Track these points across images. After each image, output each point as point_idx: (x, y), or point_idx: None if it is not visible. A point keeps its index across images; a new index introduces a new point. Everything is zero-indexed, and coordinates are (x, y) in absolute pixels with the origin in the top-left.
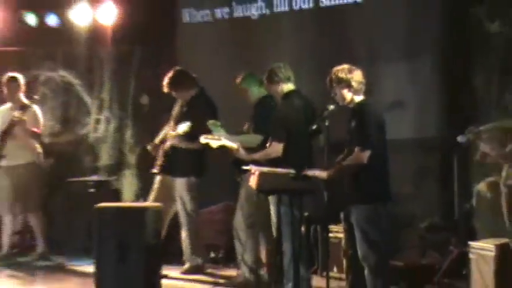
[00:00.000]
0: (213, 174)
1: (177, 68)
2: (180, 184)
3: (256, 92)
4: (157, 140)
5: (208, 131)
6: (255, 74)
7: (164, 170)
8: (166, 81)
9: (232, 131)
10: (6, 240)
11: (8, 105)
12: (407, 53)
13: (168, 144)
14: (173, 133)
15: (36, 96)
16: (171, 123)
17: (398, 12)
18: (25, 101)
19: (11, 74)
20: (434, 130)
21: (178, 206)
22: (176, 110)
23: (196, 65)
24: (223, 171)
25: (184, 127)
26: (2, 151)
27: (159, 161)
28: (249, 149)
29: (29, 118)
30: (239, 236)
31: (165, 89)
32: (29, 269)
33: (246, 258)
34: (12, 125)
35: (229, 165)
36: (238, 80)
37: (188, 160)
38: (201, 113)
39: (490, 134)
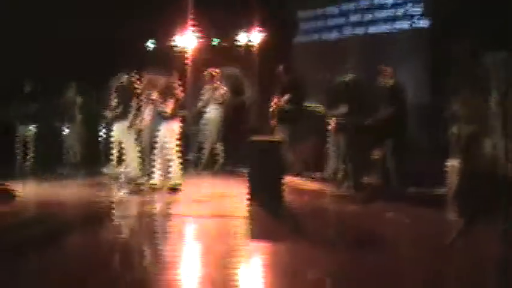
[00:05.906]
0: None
1: (284, 64)
2: (283, 126)
3: None
4: (273, 105)
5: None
6: None
7: (279, 122)
8: (279, 70)
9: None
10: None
11: (209, 85)
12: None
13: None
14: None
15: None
16: (279, 94)
17: None
18: (217, 83)
19: (210, 69)
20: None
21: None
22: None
23: (301, 66)
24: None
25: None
26: (204, 108)
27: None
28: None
29: (220, 92)
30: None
31: (278, 73)
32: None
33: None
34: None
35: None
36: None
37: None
38: (293, 88)
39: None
